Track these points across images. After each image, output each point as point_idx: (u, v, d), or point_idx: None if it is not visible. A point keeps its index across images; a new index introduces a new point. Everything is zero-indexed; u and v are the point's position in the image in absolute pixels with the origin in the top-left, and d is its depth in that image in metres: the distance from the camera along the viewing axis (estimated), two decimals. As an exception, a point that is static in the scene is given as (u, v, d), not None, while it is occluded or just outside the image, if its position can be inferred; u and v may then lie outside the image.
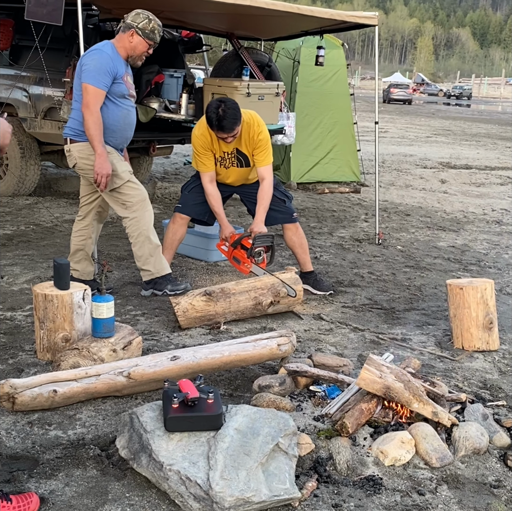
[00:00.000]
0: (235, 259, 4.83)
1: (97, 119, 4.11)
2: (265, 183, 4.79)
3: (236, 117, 4.53)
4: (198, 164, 4.82)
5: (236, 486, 2.40)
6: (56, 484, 2.57)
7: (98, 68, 4.10)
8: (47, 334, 3.57)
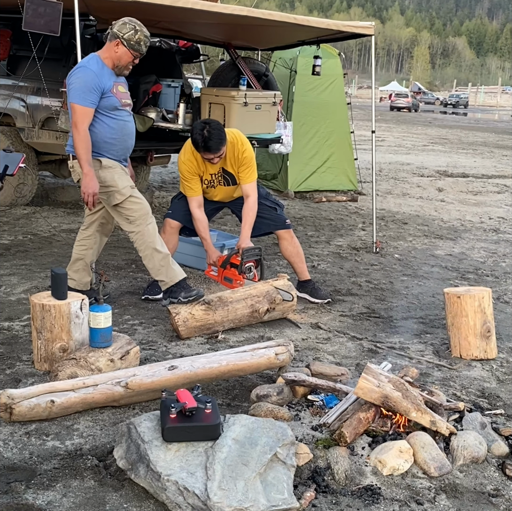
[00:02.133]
0: (227, 279, 4.90)
1: (84, 137, 4.12)
2: (250, 200, 4.87)
3: (222, 137, 4.61)
4: (185, 189, 4.88)
5: (234, 496, 2.40)
6: (53, 495, 2.56)
7: (83, 86, 4.10)
8: (44, 344, 3.56)
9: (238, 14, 5.58)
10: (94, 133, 4.17)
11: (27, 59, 7.10)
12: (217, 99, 6.87)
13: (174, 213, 4.98)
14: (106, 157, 4.28)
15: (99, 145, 4.20)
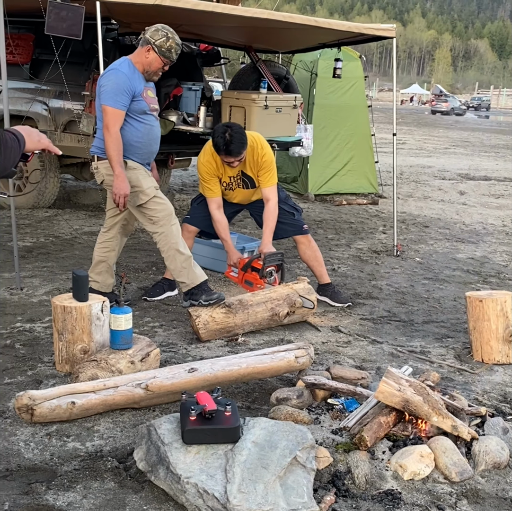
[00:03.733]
0: (247, 282, 4.89)
1: (116, 140, 4.15)
2: (270, 204, 4.86)
3: (243, 141, 4.61)
4: (204, 190, 4.89)
5: (253, 499, 2.39)
6: (74, 496, 2.57)
7: (115, 88, 4.13)
8: (65, 345, 3.58)
9: (258, 17, 5.58)
10: (121, 135, 4.20)
11: (49, 63, 7.17)
12: (238, 102, 6.88)
13: (192, 218, 4.99)
14: (131, 160, 4.30)
15: (125, 147, 4.22)
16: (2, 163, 1.98)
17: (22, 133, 2.09)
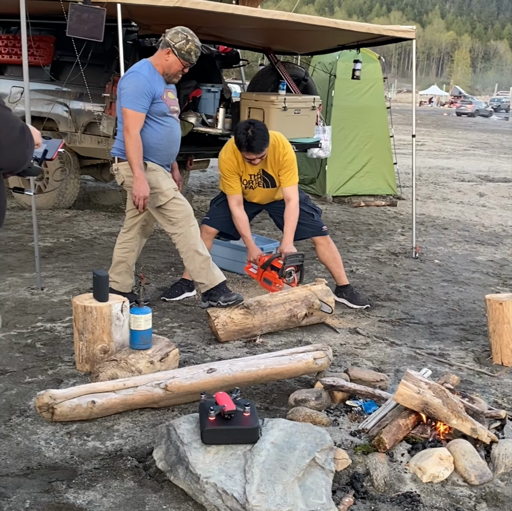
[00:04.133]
0: (266, 280, 4.89)
1: (136, 142, 4.17)
2: (291, 204, 4.85)
3: (265, 138, 4.62)
4: (225, 187, 4.90)
5: (272, 500, 2.40)
6: (94, 494, 2.60)
7: (135, 91, 4.15)
8: (86, 345, 3.61)
9: (278, 19, 5.58)
10: (141, 137, 4.22)
11: (70, 65, 7.22)
12: (257, 104, 6.90)
13: (212, 219, 5.01)
14: (150, 161, 4.32)
15: (145, 149, 4.24)
16: (32, 151, 2.00)
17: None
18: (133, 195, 4.25)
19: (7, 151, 1.90)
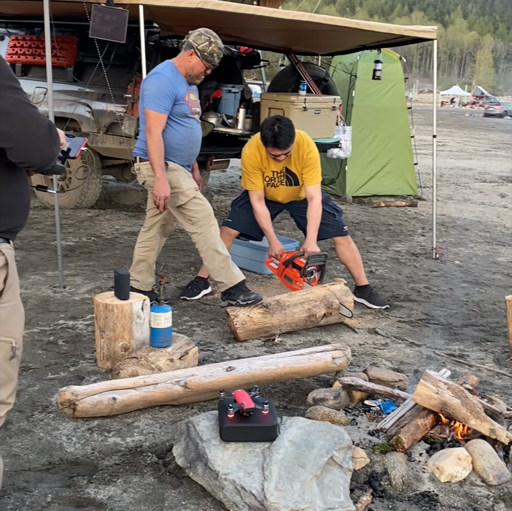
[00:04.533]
0: (287, 277, 4.90)
1: (158, 143, 4.21)
2: (314, 202, 4.85)
3: (291, 134, 4.62)
4: (246, 183, 4.91)
5: (290, 497, 2.42)
6: (114, 490, 2.63)
7: (158, 92, 4.20)
8: (107, 343, 3.65)
9: (299, 20, 5.60)
10: (163, 137, 4.26)
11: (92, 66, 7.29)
12: (277, 104, 6.91)
13: (233, 222, 5.02)
14: (172, 161, 4.36)
15: (166, 149, 4.28)
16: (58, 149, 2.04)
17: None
18: (154, 195, 4.29)
19: (35, 149, 1.94)
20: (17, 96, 1.91)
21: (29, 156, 1.96)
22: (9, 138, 1.91)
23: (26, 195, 2.12)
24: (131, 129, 6.80)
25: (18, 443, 2.92)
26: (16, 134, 1.90)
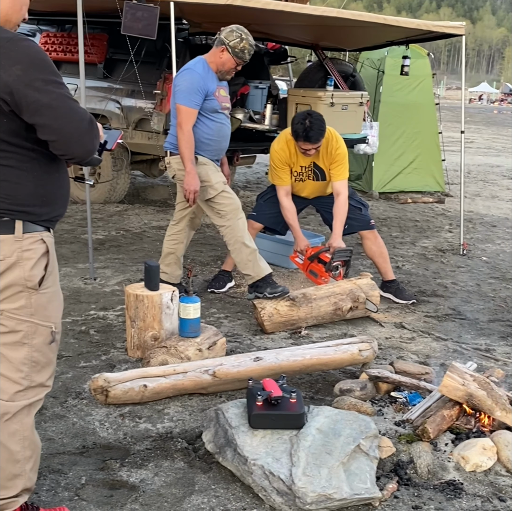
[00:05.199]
0: (312, 272, 4.94)
1: (188, 138, 4.28)
2: (341, 198, 4.88)
3: (322, 128, 4.66)
4: (274, 178, 4.96)
5: (318, 482, 2.47)
6: (146, 473, 2.71)
7: (189, 88, 4.27)
8: (137, 332, 3.74)
9: (327, 16, 5.63)
10: (193, 132, 4.33)
11: (122, 62, 7.39)
12: (304, 100, 6.95)
13: (258, 215, 5.08)
14: (201, 155, 4.43)
15: (196, 144, 4.35)
16: (98, 142, 2.11)
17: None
18: (184, 189, 4.36)
19: (77, 142, 2.01)
20: (60, 91, 1.98)
21: (71, 148, 2.03)
22: (52, 131, 1.98)
23: (66, 185, 2.20)
24: (160, 124, 6.88)
25: (53, 427, 3.02)
26: (58, 127, 1.98)
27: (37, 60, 1.96)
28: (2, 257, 2.03)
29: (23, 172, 2.04)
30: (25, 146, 2.03)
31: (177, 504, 2.52)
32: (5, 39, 1.94)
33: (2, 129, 1.98)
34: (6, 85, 1.91)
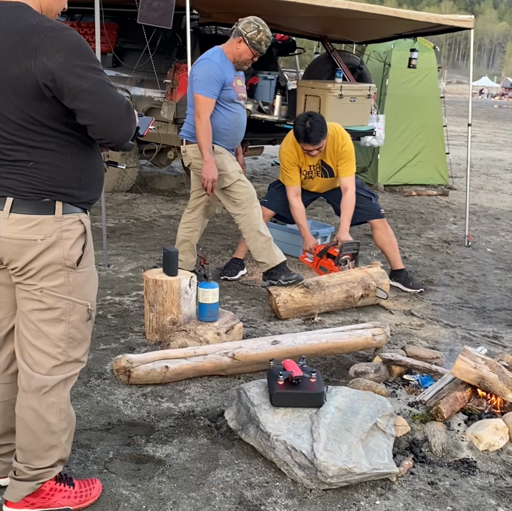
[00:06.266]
0: (322, 268, 5.06)
1: (206, 127, 4.36)
2: (348, 193, 5.00)
3: (323, 130, 4.77)
4: (284, 179, 5.08)
5: (338, 457, 2.57)
6: (171, 449, 2.81)
7: (207, 77, 4.34)
8: (156, 316, 3.83)
9: (339, 8, 5.70)
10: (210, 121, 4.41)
11: (131, 51, 7.45)
12: (313, 91, 7.02)
13: (269, 202, 5.19)
14: (217, 145, 4.51)
15: (213, 133, 4.42)
16: (135, 126, 2.19)
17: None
18: (202, 177, 4.44)
19: (116, 127, 2.10)
20: (99, 77, 2.06)
21: (109, 132, 2.12)
22: (91, 116, 2.07)
23: (101, 169, 2.29)
24: (170, 114, 6.95)
25: (78, 405, 3.11)
26: (97, 112, 2.06)
27: (78, 48, 2.04)
28: (43, 236, 2.12)
29: (63, 156, 2.12)
30: (65, 131, 2.11)
31: (203, 477, 2.62)
32: (48, 28, 2.02)
33: (44, 114, 2.06)
34: (49, 71, 1.99)
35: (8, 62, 2.00)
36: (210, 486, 2.58)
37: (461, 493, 2.63)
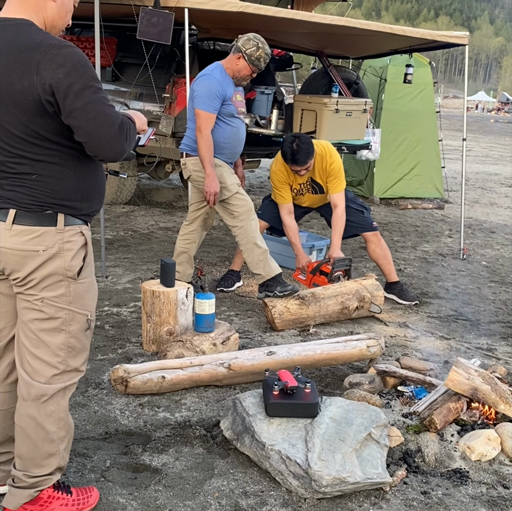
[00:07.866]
0: (315, 285, 5.11)
1: (207, 141, 4.44)
2: (338, 210, 5.08)
3: (309, 151, 4.85)
4: (276, 197, 5.17)
5: (333, 467, 2.61)
6: (167, 458, 2.85)
7: (208, 93, 4.42)
8: (153, 327, 3.87)
9: (336, 24, 5.79)
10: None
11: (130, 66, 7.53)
12: (310, 106, 7.10)
13: (263, 213, 5.25)
14: (217, 158, 4.58)
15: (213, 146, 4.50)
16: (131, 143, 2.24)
17: (130, 115, 2.33)
18: (204, 191, 4.51)
19: (106, 145, 2.12)
20: (96, 96, 2.09)
21: (101, 151, 2.14)
22: (84, 133, 2.10)
23: (103, 182, 2.34)
24: (168, 127, 7.03)
25: (76, 415, 3.15)
26: (89, 131, 2.09)
27: (78, 66, 2.08)
28: (45, 247, 2.17)
29: (66, 169, 2.17)
30: (68, 145, 2.16)
31: (199, 486, 2.66)
32: (51, 45, 2.06)
33: (47, 129, 2.11)
34: (50, 87, 2.04)
35: (12, 78, 2.05)
36: (206, 495, 2.61)
37: (454, 502, 2.67)
